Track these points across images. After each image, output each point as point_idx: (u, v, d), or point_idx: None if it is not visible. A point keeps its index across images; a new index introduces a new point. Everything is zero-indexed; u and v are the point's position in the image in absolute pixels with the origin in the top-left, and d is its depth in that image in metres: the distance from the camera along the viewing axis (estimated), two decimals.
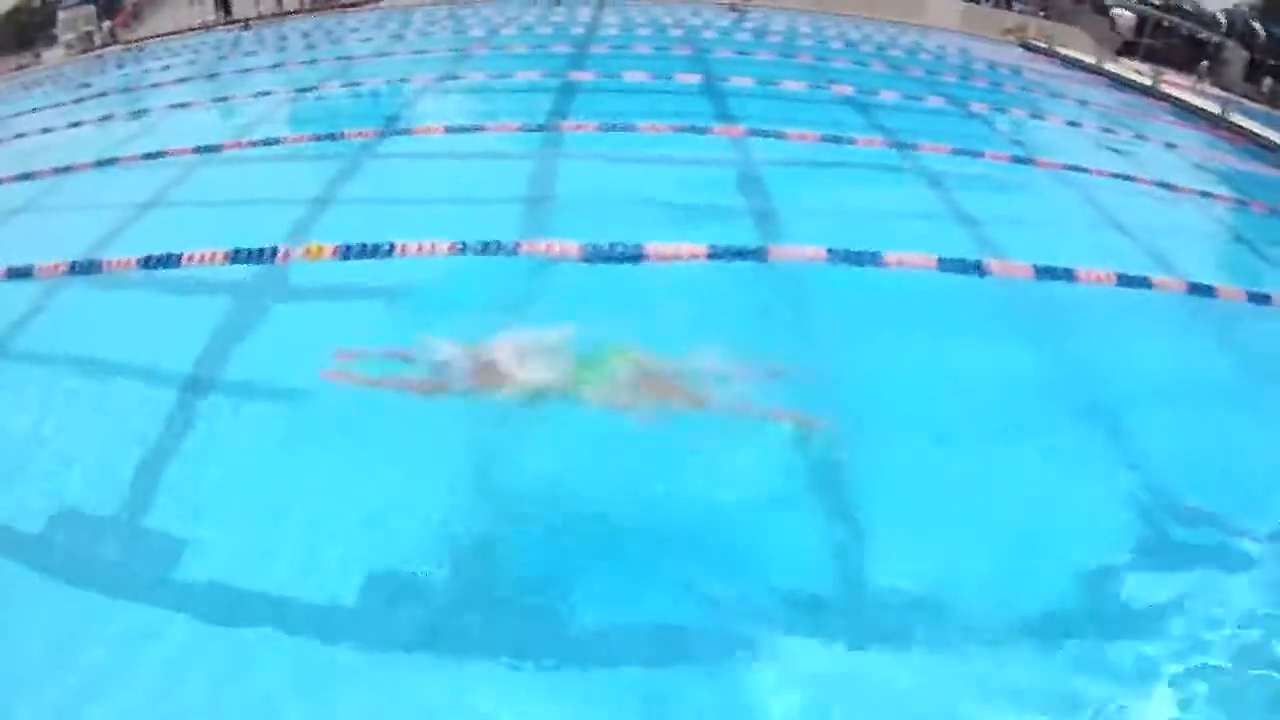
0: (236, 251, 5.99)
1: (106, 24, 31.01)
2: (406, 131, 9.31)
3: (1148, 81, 17.28)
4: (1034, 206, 7.91)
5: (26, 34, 34.93)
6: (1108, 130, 11.78)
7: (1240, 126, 13.90)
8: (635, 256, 5.57)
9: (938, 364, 4.87)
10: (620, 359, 4.27)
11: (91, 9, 31.87)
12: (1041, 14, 23.91)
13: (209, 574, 3.52)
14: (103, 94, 14.77)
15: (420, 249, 5.69)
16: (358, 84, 12.56)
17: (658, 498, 3.82)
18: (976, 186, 8.04)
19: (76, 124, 11.66)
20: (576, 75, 11.87)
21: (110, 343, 5.28)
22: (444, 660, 3.17)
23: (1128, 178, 9.00)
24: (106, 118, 12.17)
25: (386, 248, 5.68)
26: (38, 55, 32.21)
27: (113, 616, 3.35)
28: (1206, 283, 6.21)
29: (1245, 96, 19.05)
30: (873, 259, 5.65)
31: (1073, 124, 11.73)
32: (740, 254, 5.70)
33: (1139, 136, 11.61)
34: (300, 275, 5.89)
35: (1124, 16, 25.02)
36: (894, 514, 3.80)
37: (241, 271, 5.91)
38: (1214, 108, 15.17)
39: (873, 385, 4.62)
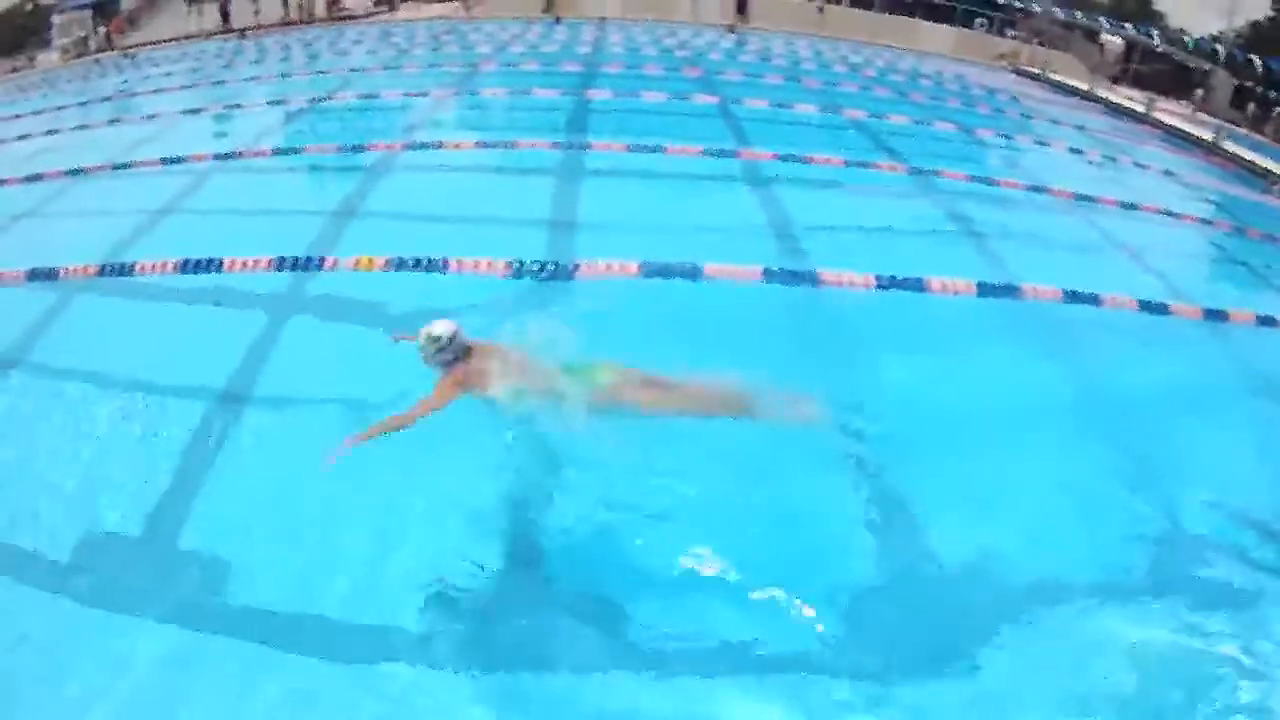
0: (281, 260, 6.03)
1: (102, 29, 30.93)
2: (424, 146, 9.47)
3: (1140, 108, 17.77)
4: (1050, 232, 8.15)
5: (18, 38, 34.81)
6: (1110, 158, 12.07)
7: (1232, 154, 14.31)
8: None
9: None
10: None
11: (87, 14, 31.82)
12: (1036, 41, 24.36)
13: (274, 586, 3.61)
14: (103, 99, 14.84)
15: (477, 266, 5.76)
16: (368, 95, 12.74)
17: None
18: (993, 210, 8.26)
19: (80, 127, 11.84)
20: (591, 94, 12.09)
21: (147, 349, 5.34)
22: None
23: (1132, 205, 9.27)
24: (114, 121, 12.33)
25: (440, 263, 5.72)
26: (31, 59, 32.08)
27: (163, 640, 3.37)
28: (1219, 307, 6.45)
29: (1231, 121, 19.61)
30: (917, 284, 5.82)
31: (1075, 151, 12.01)
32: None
33: (1139, 165, 11.90)
34: (347, 286, 5.94)
35: (1112, 43, 25.62)
36: None
37: (284, 279, 5.96)
38: (1205, 134, 15.63)
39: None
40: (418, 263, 5.79)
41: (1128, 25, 23.57)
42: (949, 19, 25.58)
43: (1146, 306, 6.19)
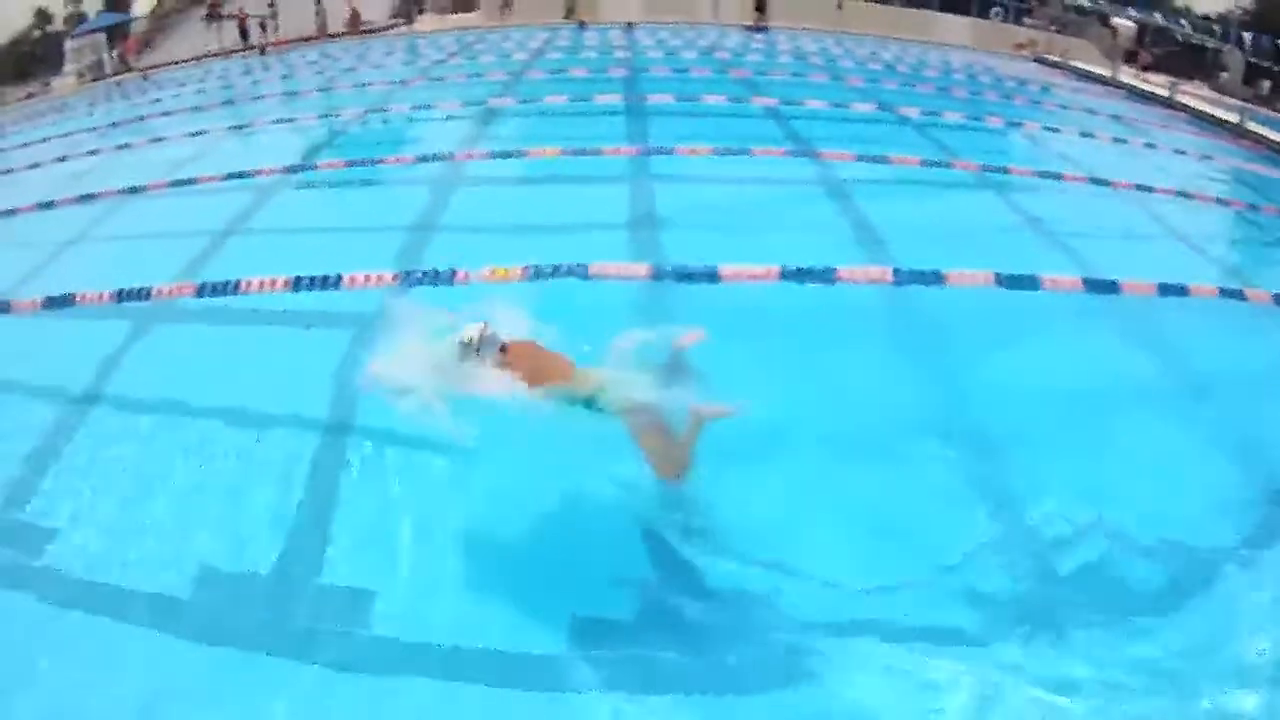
0: (408, 274, 6.21)
1: (116, 52, 31.20)
2: (507, 155, 9.81)
3: (1160, 91, 18.13)
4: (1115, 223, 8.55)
5: (26, 65, 35.01)
6: (1150, 146, 12.43)
7: (1261, 135, 14.63)
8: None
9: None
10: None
11: (102, 37, 32.06)
12: (1054, 28, 24.74)
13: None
14: (122, 121, 15.31)
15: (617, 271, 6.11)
16: (421, 106, 13.09)
17: None
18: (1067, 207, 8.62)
19: (96, 151, 12.26)
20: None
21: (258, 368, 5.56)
22: None
23: (1187, 195, 9.64)
24: (157, 139, 12.76)
25: (581, 270, 6.01)
26: (47, 84, 32.44)
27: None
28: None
29: (1245, 100, 19.95)
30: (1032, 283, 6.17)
31: (1119, 140, 12.38)
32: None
33: (1180, 152, 12.27)
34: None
35: (1125, 27, 26.02)
36: None
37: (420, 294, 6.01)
38: (1229, 116, 15.95)
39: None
40: (556, 269, 5.99)
41: (1132, 9, 23.98)
42: (965, 10, 25.96)
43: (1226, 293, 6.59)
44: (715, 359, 4.23)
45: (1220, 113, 16.37)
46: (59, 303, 6.32)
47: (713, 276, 5.85)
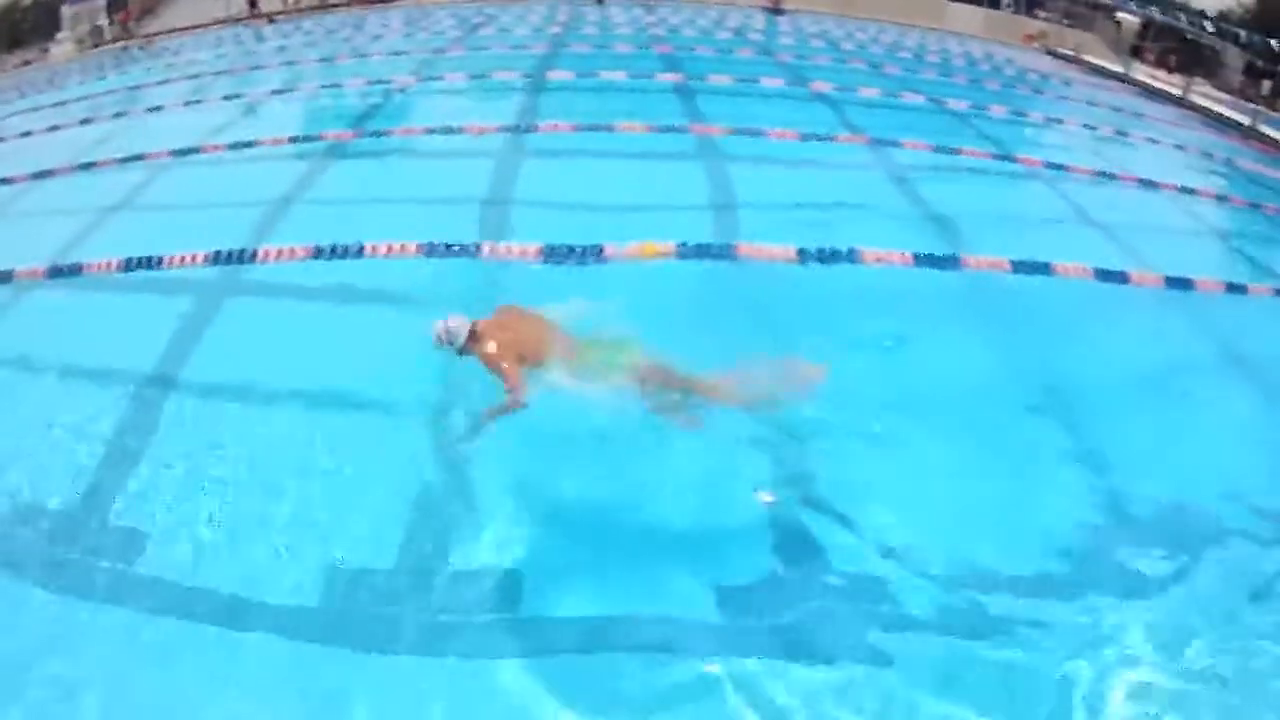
0: (552, 249, 6.39)
1: (115, 18, 30.70)
2: (596, 129, 9.90)
3: (1162, 87, 18.65)
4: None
5: (18, 34, 34.24)
6: (1179, 147, 12.90)
7: (1270, 137, 15.17)
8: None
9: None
10: None
11: (100, 3, 31.47)
12: (1065, 22, 25.25)
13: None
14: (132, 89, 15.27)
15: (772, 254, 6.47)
16: (476, 76, 13.16)
17: None
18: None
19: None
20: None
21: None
22: None
23: (1224, 197, 10.22)
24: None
25: (730, 249, 6.38)
26: (45, 50, 31.73)
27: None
28: None
29: (1245, 99, 20.59)
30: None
31: (1151, 140, 12.88)
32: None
33: (1206, 154, 12.77)
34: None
35: (1128, 20, 26.64)
36: None
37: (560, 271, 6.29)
38: (1243, 117, 16.47)
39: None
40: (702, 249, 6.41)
41: (1134, 3, 24.51)
42: None
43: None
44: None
45: (1229, 113, 16.95)
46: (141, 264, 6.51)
47: (853, 257, 6.27)
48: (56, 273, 6.66)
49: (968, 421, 4.90)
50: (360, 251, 6.33)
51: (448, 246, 6.33)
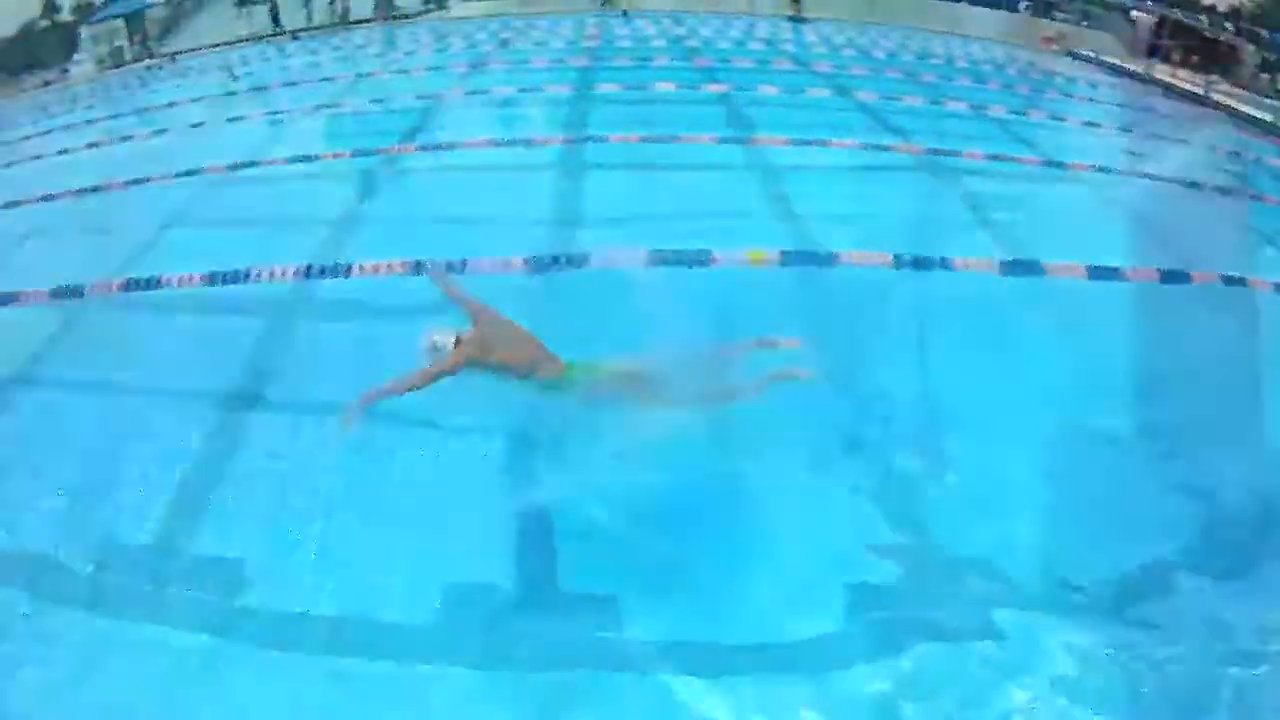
0: (659, 251, 6.50)
1: (136, 37, 31.00)
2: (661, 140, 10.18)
3: (1183, 86, 18.84)
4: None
5: (36, 55, 34.52)
6: (1213, 148, 13.03)
7: None
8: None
9: None
10: None
11: (120, 23, 31.79)
12: (1084, 23, 25.44)
13: None
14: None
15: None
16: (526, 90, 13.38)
17: None
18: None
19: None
20: None
21: None
22: None
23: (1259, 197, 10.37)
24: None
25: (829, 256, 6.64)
26: (65, 71, 32.00)
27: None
28: None
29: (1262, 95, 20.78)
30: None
31: (1182, 141, 13.07)
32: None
33: (1235, 153, 12.92)
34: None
35: (1143, 18, 26.79)
36: None
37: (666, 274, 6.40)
38: (1261, 114, 16.65)
39: None
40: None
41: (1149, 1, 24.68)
42: (993, 2, 26.59)
43: None
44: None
45: (1254, 111, 17.12)
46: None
47: (946, 265, 6.49)
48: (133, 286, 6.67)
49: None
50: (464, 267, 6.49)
51: (554, 259, 6.54)
